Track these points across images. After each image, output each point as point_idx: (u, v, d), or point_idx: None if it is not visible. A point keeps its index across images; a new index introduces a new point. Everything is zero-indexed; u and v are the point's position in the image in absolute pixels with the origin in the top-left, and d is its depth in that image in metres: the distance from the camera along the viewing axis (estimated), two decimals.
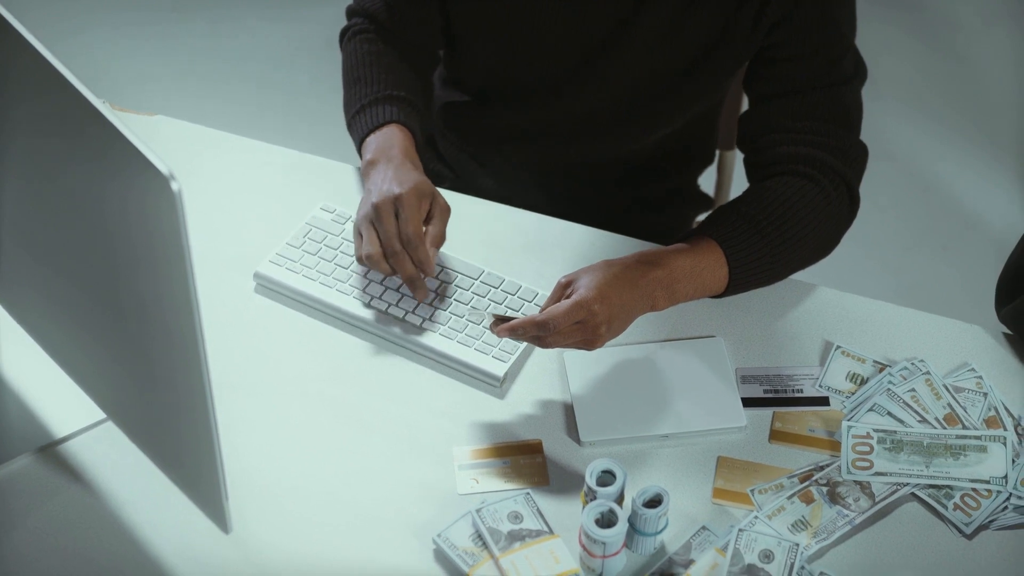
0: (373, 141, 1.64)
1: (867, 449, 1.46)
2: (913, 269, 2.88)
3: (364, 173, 1.62)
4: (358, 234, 1.57)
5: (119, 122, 1.08)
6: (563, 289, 1.49)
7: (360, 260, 1.56)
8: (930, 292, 2.83)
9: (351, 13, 1.80)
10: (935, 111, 3.18)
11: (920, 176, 3.05)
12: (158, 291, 1.13)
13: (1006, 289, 1.60)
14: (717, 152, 2.02)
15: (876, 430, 1.47)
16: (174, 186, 1.04)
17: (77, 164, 1.15)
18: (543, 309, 1.48)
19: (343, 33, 1.80)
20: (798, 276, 1.64)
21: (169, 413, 1.26)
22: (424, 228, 1.56)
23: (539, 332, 1.44)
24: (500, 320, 1.48)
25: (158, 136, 1.79)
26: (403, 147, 1.63)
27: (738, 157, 1.98)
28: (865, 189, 1.69)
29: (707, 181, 2.03)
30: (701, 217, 2.04)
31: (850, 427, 1.48)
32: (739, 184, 1.79)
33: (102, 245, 1.18)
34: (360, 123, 1.68)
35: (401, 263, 1.54)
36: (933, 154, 3.09)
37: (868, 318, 1.61)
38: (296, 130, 3.07)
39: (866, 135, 1.68)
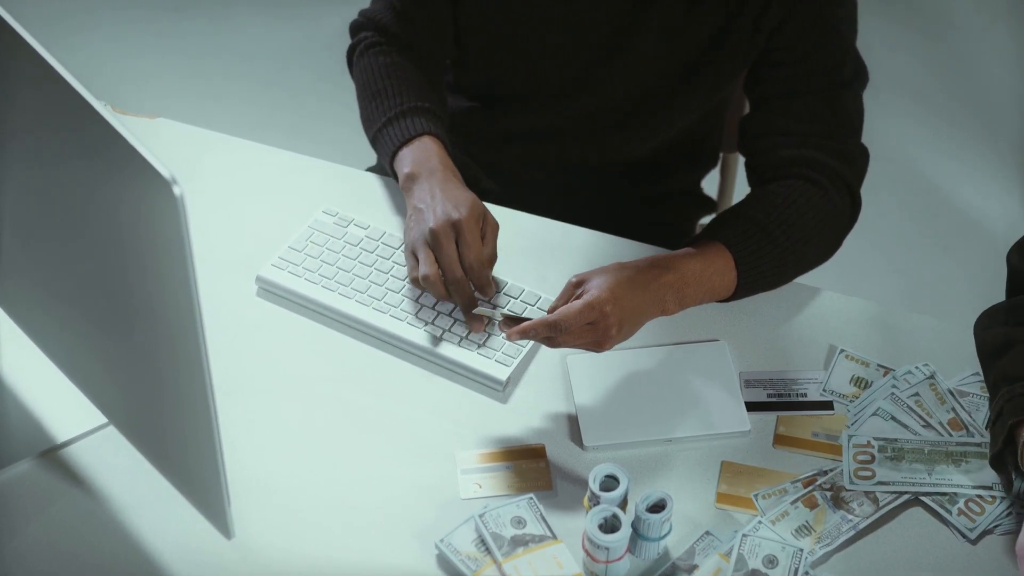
0: (408, 154, 1.62)
1: (868, 458, 1.45)
2: (913, 270, 2.88)
3: (404, 188, 1.60)
4: (412, 255, 1.54)
5: (120, 125, 1.07)
6: (573, 289, 1.48)
7: (415, 282, 1.54)
8: (930, 293, 2.82)
9: (358, 28, 1.78)
10: (934, 109, 3.17)
11: (920, 176, 3.05)
12: (160, 295, 1.13)
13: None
14: (720, 155, 2.01)
15: (876, 438, 1.47)
16: (176, 190, 1.03)
17: (78, 166, 1.15)
18: (552, 309, 1.47)
19: (352, 49, 1.77)
20: (801, 279, 1.64)
21: (171, 417, 1.25)
22: None
23: (550, 333, 1.44)
24: (509, 320, 1.47)
25: (160, 139, 1.78)
26: (441, 159, 1.61)
27: (741, 160, 1.97)
28: (864, 189, 1.68)
29: (710, 184, 2.03)
30: (705, 220, 2.04)
31: (851, 436, 1.47)
32: (742, 187, 1.78)
33: (103, 248, 1.18)
34: (389, 136, 1.65)
35: (461, 290, 1.52)
36: (933, 153, 3.09)
37: (873, 322, 1.61)
38: (295, 131, 3.06)
39: (865, 134, 1.67)
